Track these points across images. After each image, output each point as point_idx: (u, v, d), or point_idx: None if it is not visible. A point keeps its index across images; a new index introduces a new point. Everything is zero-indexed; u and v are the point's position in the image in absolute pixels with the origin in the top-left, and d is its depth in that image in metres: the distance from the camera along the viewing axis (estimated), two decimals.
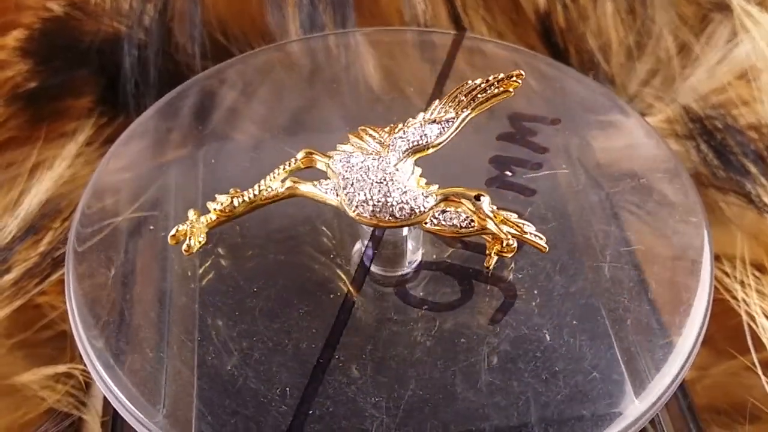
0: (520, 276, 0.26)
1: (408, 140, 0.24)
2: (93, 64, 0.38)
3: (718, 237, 0.32)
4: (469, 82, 0.25)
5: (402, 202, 0.24)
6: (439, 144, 0.25)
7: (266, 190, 0.25)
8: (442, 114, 0.25)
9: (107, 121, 0.38)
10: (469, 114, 0.25)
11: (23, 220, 0.33)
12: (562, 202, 0.28)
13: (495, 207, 0.24)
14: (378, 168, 0.24)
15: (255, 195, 0.25)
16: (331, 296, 0.25)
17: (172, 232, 0.25)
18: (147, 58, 0.37)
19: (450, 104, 0.25)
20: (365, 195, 0.24)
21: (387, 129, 0.25)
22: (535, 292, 0.25)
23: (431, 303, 0.25)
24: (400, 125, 0.25)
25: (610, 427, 0.23)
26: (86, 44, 0.38)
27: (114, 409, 0.24)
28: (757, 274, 0.32)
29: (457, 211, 0.24)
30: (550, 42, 0.40)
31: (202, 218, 0.26)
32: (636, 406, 0.23)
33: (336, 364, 0.24)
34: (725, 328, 0.30)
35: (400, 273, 0.26)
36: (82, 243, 0.27)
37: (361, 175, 0.24)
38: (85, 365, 0.30)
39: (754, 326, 0.30)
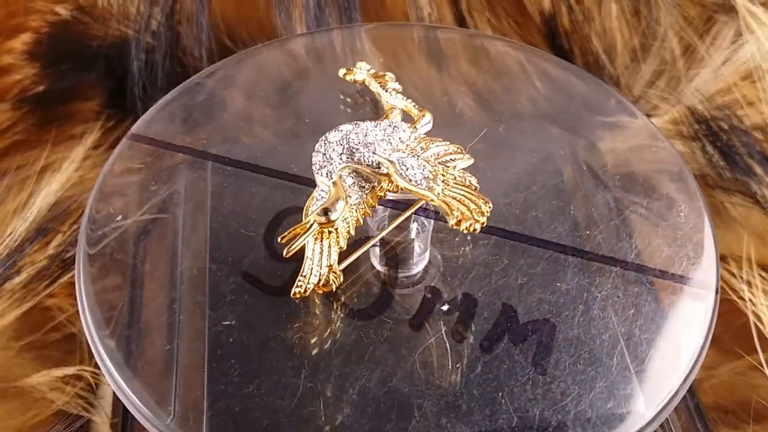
0: (524, 278, 0.26)
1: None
2: (100, 68, 0.38)
3: (724, 237, 0.32)
4: None
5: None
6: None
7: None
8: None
9: (115, 124, 0.38)
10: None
11: (32, 223, 0.33)
12: (568, 203, 0.28)
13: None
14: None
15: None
16: (344, 298, 0.25)
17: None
18: (154, 61, 0.37)
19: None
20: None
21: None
22: (541, 294, 0.25)
23: (437, 304, 0.25)
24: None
25: (618, 429, 0.23)
26: (94, 48, 0.38)
27: (123, 411, 0.24)
28: (764, 274, 0.32)
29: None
30: (555, 44, 0.40)
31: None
32: (645, 409, 0.23)
33: (344, 366, 0.24)
34: (732, 328, 0.30)
35: (407, 274, 0.26)
36: (93, 245, 0.27)
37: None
38: (94, 367, 0.30)
39: (760, 326, 0.30)
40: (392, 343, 0.24)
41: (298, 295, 0.24)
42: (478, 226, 0.22)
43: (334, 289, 0.24)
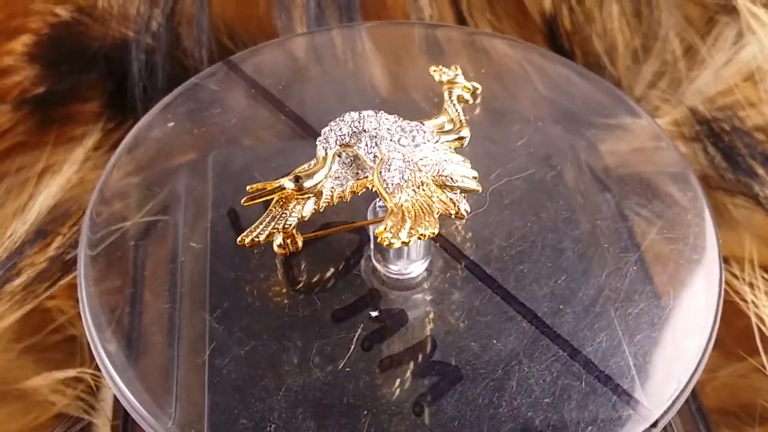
0: (528, 279, 0.26)
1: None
2: (101, 69, 0.38)
3: (726, 239, 0.32)
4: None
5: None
6: None
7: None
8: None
9: (115, 126, 0.38)
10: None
11: (32, 225, 0.33)
12: (570, 203, 0.28)
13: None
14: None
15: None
16: (342, 299, 0.25)
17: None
18: (155, 62, 0.37)
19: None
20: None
21: None
22: (543, 296, 0.25)
23: (439, 305, 0.25)
24: None
25: None
26: (94, 49, 0.38)
27: (124, 414, 0.24)
28: (766, 276, 0.32)
29: None
30: (556, 44, 0.40)
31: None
32: (647, 413, 0.23)
33: (346, 367, 0.24)
34: (734, 330, 0.30)
35: (407, 276, 0.26)
36: (93, 247, 0.27)
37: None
38: (95, 369, 0.30)
39: (763, 328, 0.30)
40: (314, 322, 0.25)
41: (239, 243, 0.24)
42: (396, 243, 0.22)
43: (287, 252, 0.25)
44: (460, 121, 0.27)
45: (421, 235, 0.22)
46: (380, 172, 0.23)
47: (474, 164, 0.24)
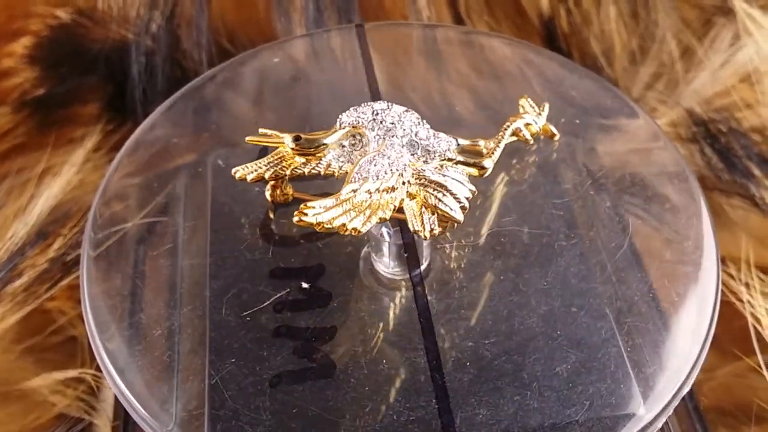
0: (525, 281, 0.26)
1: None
2: (101, 71, 0.39)
3: (722, 240, 0.32)
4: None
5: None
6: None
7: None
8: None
9: (115, 128, 0.38)
10: None
11: (33, 226, 0.33)
12: (568, 205, 0.28)
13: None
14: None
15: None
16: (343, 299, 0.26)
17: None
18: (154, 64, 0.38)
19: None
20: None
21: None
22: (541, 297, 0.25)
23: (438, 306, 0.25)
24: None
25: (617, 431, 0.23)
26: (94, 51, 0.38)
27: (125, 414, 0.24)
28: (762, 276, 0.32)
29: None
30: (554, 46, 0.40)
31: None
32: (644, 412, 0.23)
33: (347, 366, 0.24)
34: (731, 330, 0.30)
35: (407, 275, 0.26)
36: (95, 247, 0.27)
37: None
38: (95, 369, 0.30)
39: (759, 328, 0.30)
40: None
41: (233, 175, 0.25)
42: (306, 220, 0.22)
43: (273, 201, 0.26)
44: (493, 151, 0.26)
45: (342, 226, 0.22)
46: (369, 160, 0.23)
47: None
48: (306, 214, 0.22)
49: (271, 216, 0.27)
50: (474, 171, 0.25)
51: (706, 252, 0.26)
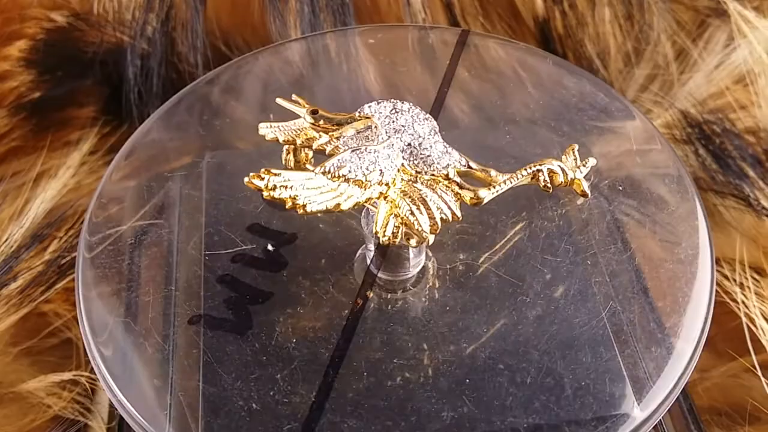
0: (520, 282, 0.26)
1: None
2: (96, 74, 0.39)
3: (717, 240, 0.32)
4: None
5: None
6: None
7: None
8: None
9: (110, 131, 0.38)
10: None
11: (28, 229, 0.33)
12: (562, 206, 0.28)
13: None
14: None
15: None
16: (337, 304, 0.26)
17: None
18: (150, 67, 0.38)
19: None
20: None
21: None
22: (536, 298, 0.25)
23: (434, 307, 0.25)
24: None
25: (611, 431, 0.23)
26: (90, 54, 0.38)
27: (120, 416, 0.24)
28: (756, 276, 0.32)
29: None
30: (549, 48, 0.40)
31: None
32: (638, 412, 0.23)
33: (345, 373, 0.24)
34: (725, 331, 0.31)
35: (403, 277, 0.26)
36: (91, 250, 0.27)
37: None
38: (90, 372, 0.30)
39: (753, 328, 0.30)
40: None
41: (260, 130, 0.25)
42: (258, 181, 0.22)
43: (301, 161, 0.25)
44: (497, 184, 0.25)
45: (292, 198, 0.22)
46: (348, 151, 0.23)
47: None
48: (262, 178, 0.22)
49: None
50: (467, 197, 0.24)
51: (701, 252, 0.26)
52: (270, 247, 0.26)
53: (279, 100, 0.25)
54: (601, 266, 0.26)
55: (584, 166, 0.27)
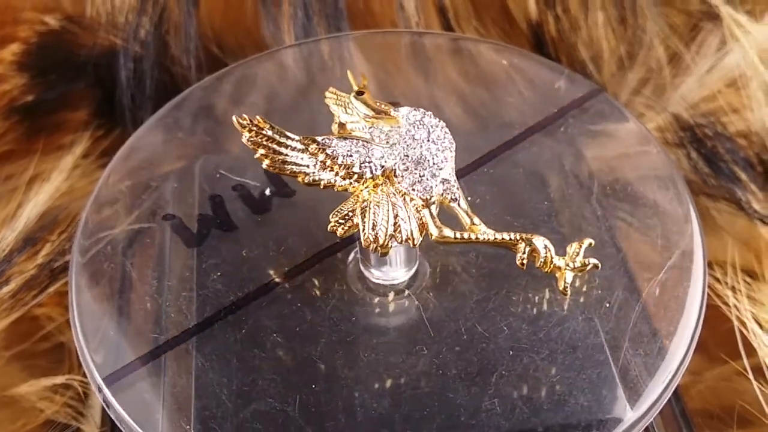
0: (511, 284, 0.26)
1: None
2: (89, 78, 0.38)
3: (709, 244, 0.32)
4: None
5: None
6: None
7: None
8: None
9: (104, 134, 0.38)
10: None
11: (21, 232, 0.33)
12: (555, 207, 0.28)
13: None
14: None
15: None
16: (330, 305, 0.26)
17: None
18: (143, 70, 0.38)
19: None
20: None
21: None
22: (528, 300, 0.26)
23: (427, 310, 0.25)
24: None
25: None
26: (83, 57, 0.38)
27: (112, 421, 0.24)
28: (748, 280, 0.32)
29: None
30: (542, 52, 0.40)
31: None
32: (629, 414, 0.23)
33: (338, 373, 0.24)
34: (717, 334, 0.31)
35: (395, 281, 0.26)
36: (84, 254, 0.27)
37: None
38: (83, 376, 0.30)
39: (745, 332, 0.30)
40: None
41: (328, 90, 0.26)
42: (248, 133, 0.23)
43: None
44: (462, 232, 0.25)
45: (262, 156, 0.23)
46: (354, 140, 0.24)
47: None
48: (252, 125, 0.23)
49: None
50: (433, 231, 0.24)
51: (694, 256, 0.26)
52: (268, 192, 0.26)
53: (348, 73, 0.26)
54: (592, 270, 0.26)
55: (579, 249, 0.26)
